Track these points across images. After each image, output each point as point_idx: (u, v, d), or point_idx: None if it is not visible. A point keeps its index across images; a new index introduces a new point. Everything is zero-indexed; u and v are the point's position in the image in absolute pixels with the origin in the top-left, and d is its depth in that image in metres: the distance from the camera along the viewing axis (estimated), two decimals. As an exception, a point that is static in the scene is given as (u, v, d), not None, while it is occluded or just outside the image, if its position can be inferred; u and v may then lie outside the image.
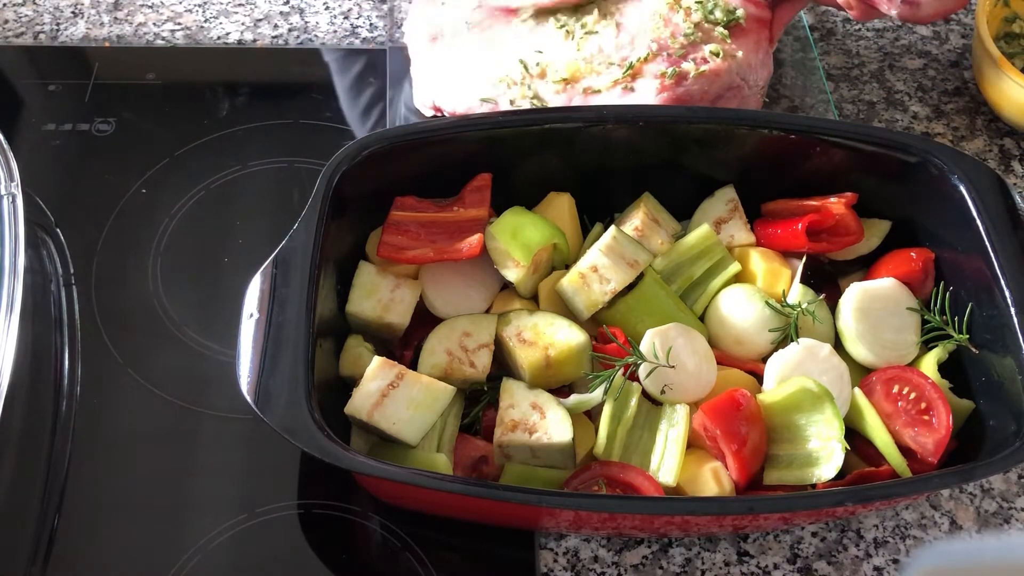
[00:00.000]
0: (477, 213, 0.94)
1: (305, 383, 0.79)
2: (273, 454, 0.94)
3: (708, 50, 1.05)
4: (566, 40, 1.07)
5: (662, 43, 1.05)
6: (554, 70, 1.06)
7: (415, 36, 1.15)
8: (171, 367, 1.00)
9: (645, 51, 1.05)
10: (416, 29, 1.15)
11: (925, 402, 0.88)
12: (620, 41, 1.06)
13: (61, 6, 1.27)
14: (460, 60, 1.10)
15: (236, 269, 1.05)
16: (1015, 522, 0.94)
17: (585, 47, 1.06)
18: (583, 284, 0.92)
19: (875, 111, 1.21)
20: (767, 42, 1.11)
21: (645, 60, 1.04)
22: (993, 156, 1.18)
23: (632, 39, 1.06)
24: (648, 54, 1.05)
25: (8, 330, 0.88)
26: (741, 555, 0.92)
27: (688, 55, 1.05)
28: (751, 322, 0.92)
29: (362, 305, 0.92)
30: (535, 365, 0.88)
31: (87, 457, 0.94)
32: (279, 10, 1.27)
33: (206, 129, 1.16)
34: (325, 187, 0.88)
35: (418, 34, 1.15)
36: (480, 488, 0.81)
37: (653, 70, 1.04)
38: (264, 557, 0.90)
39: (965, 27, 1.29)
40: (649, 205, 0.99)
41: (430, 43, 1.13)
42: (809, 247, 0.95)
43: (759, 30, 1.10)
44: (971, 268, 0.91)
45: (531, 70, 1.06)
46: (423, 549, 0.90)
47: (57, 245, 1.07)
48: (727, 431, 0.85)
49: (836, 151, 0.96)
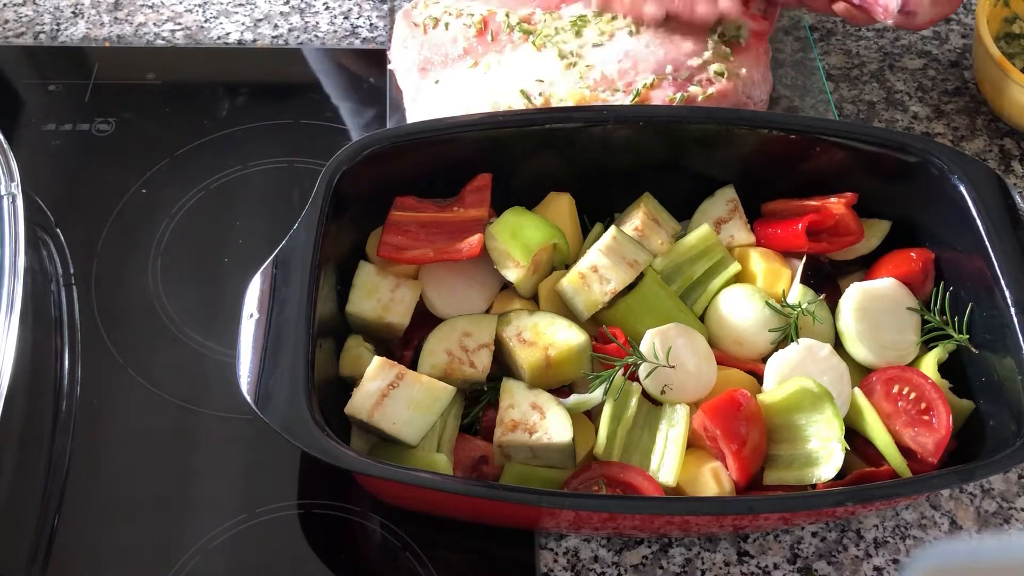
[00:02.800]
0: (477, 213, 0.94)
1: (305, 383, 0.79)
2: (273, 454, 0.94)
3: (713, 71, 1.05)
4: (567, 70, 1.05)
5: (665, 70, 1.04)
6: (558, 99, 1.04)
7: (404, 67, 1.12)
8: (171, 367, 1.00)
9: (650, 76, 1.04)
10: (404, 60, 1.12)
11: (925, 402, 0.88)
12: (623, 67, 1.04)
13: (61, 6, 1.27)
14: (455, 92, 1.07)
15: (236, 269, 1.05)
16: (1015, 522, 0.94)
17: (588, 75, 1.05)
18: (583, 284, 0.92)
19: (875, 111, 1.21)
20: (766, 55, 1.11)
21: (651, 87, 1.03)
22: (993, 156, 1.18)
23: (635, 63, 1.05)
24: (654, 80, 1.03)
25: (8, 330, 0.88)
26: (741, 555, 0.92)
27: (693, 77, 1.04)
28: (751, 322, 0.92)
29: (362, 305, 0.92)
30: (535, 365, 0.88)
31: (87, 457, 0.94)
32: (279, 10, 1.27)
33: (206, 129, 1.16)
34: (325, 187, 0.88)
35: (407, 65, 1.12)
36: (480, 488, 0.81)
37: (660, 96, 1.03)
38: (264, 557, 0.90)
39: (965, 27, 1.29)
40: (649, 205, 0.99)
41: (421, 74, 1.10)
42: (809, 247, 0.95)
43: (758, 44, 1.10)
44: (971, 268, 0.91)
45: (534, 100, 1.04)
46: (423, 549, 0.90)
47: (57, 245, 1.07)
48: (727, 431, 0.85)
49: (836, 151, 0.96)
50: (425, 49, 1.11)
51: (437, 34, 1.11)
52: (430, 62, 1.10)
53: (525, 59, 1.07)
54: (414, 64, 1.11)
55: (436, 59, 1.10)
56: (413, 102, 1.11)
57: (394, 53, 1.15)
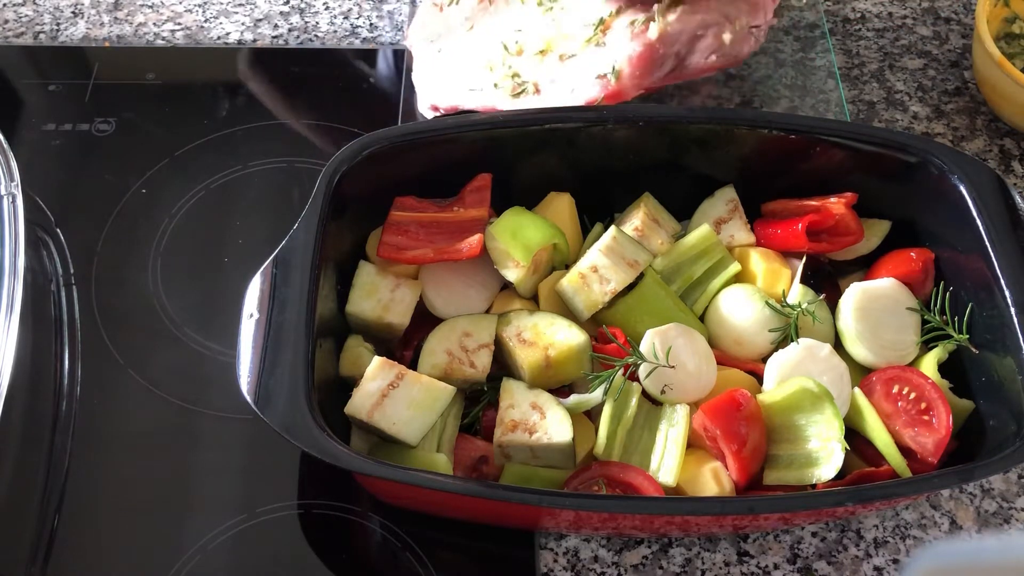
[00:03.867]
0: (477, 213, 0.94)
1: (305, 383, 0.80)
2: (273, 454, 0.94)
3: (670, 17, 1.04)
4: (544, 15, 1.08)
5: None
6: (532, 48, 1.07)
7: (415, 41, 1.16)
8: (171, 367, 1.00)
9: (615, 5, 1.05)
10: (415, 34, 1.16)
11: (925, 402, 0.88)
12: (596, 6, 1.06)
13: (61, 6, 1.27)
14: (452, 56, 1.11)
15: (236, 269, 1.05)
16: (1015, 522, 0.94)
17: (562, 19, 1.07)
18: (583, 284, 0.92)
19: (875, 111, 1.21)
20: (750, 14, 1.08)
21: (616, 14, 1.05)
22: (993, 156, 1.18)
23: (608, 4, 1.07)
24: (619, 7, 1.05)
25: (8, 330, 0.88)
26: (741, 555, 0.92)
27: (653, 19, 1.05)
28: (751, 322, 0.92)
29: (362, 305, 0.92)
30: (535, 365, 0.88)
31: (87, 457, 0.94)
32: (279, 10, 1.27)
33: (206, 129, 1.16)
34: (325, 187, 0.88)
35: (417, 38, 1.15)
36: (480, 488, 0.81)
37: (623, 22, 1.04)
38: (264, 557, 0.90)
39: (965, 27, 1.29)
40: (649, 205, 0.99)
41: (428, 45, 1.13)
42: (809, 247, 0.95)
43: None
44: (971, 268, 0.91)
45: (510, 49, 1.07)
46: (423, 549, 0.90)
47: (57, 245, 1.07)
48: (727, 431, 0.84)
49: (836, 151, 0.96)
50: (439, 24, 1.14)
51: (451, 10, 1.15)
52: (437, 34, 1.14)
53: (512, 14, 1.11)
54: (426, 40, 1.15)
55: (443, 31, 1.14)
56: (418, 73, 1.14)
57: (412, 30, 1.18)
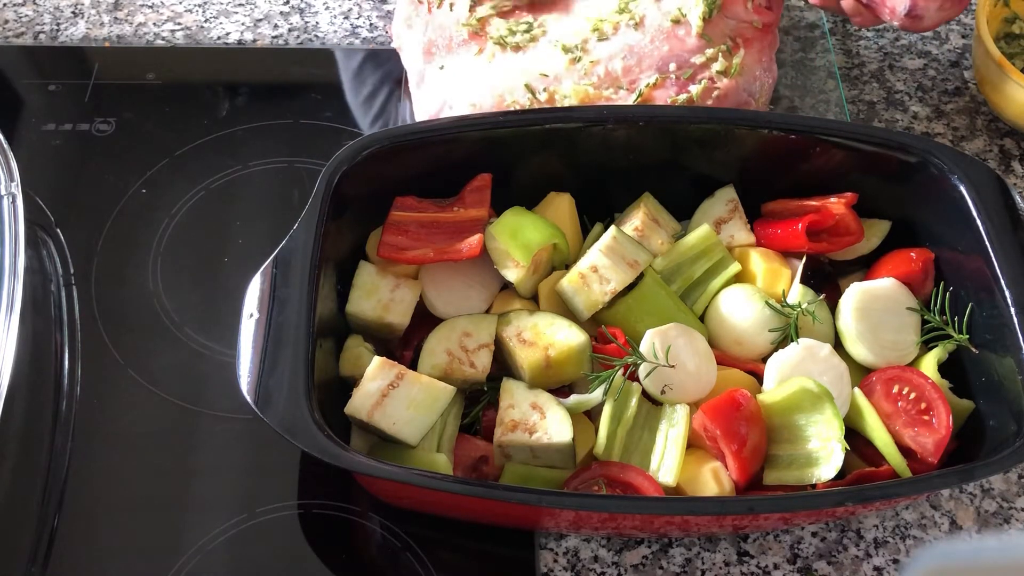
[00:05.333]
0: (477, 213, 0.94)
1: (305, 383, 0.80)
2: (273, 454, 0.94)
3: (715, 69, 1.05)
4: (571, 65, 1.05)
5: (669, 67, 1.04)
6: (562, 96, 1.03)
7: (408, 47, 1.12)
8: (171, 367, 1.00)
9: (654, 75, 1.03)
10: (408, 40, 1.12)
11: (925, 402, 0.88)
12: (627, 64, 1.04)
13: (61, 6, 1.27)
14: (461, 81, 1.07)
15: (236, 269, 1.05)
16: (1015, 522, 0.94)
17: (592, 71, 1.04)
18: (583, 284, 0.92)
19: (875, 111, 1.21)
20: (771, 47, 1.10)
21: (654, 86, 1.03)
22: (993, 156, 1.18)
23: (639, 60, 1.04)
24: (657, 79, 1.03)
25: (8, 330, 0.88)
26: (741, 555, 0.92)
27: (696, 76, 1.04)
28: (751, 322, 0.92)
29: (362, 305, 0.92)
30: (535, 365, 0.88)
31: (87, 457, 0.94)
32: (279, 10, 1.27)
33: (206, 129, 1.16)
34: (325, 187, 0.88)
35: (411, 45, 1.11)
36: (480, 488, 0.81)
37: (662, 96, 1.03)
38: (264, 557, 0.90)
39: (965, 27, 1.29)
40: (649, 205, 0.99)
41: (426, 57, 1.09)
42: (809, 247, 0.95)
43: (763, 37, 1.09)
44: (971, 268, 0.91)
45: (539, 96, 1.03)
46: (423, 549, 0.90)
47: (57, 245, 1.07)
48: (727, 431, 0.85)
49: (836, 151, 0.96)
50: (430, 30, 1.10)
51: (441, 14, 1.10)
52: (435, 45, 1.09)
53: (536, 55, 1.07)
54: (419, 45, 1.10)
55: (441, 42, 1.09)
56: (418, 88, 1.11)
57: (397, 30, 1.14)
